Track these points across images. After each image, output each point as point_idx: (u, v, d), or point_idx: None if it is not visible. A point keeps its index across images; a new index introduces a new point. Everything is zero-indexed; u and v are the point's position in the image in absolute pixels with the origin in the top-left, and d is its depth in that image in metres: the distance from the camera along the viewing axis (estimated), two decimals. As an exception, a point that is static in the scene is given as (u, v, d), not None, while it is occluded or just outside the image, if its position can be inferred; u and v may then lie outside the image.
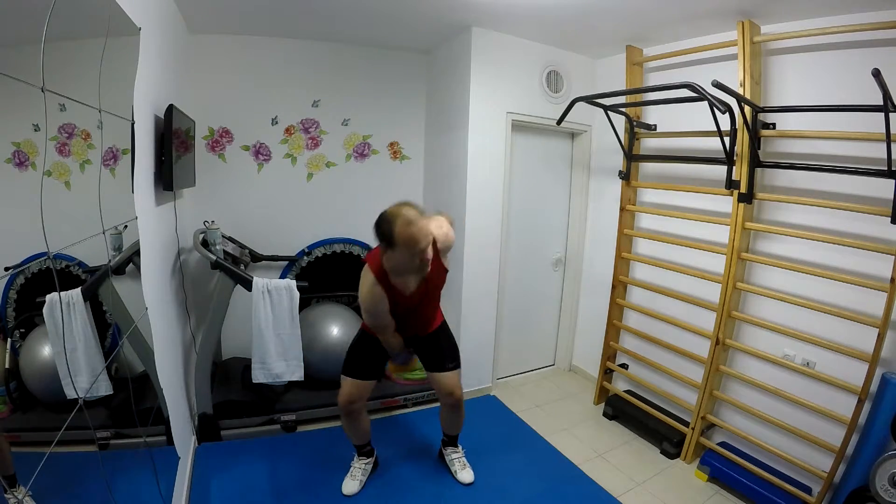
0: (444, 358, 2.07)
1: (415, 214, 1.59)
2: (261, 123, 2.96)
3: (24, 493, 0.76)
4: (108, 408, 1.22)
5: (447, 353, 2.08)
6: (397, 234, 1.56)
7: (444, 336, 2.10)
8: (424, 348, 2.10)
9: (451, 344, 2.11)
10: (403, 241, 1.57)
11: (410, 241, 1.57)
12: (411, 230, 1.56)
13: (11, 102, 0.84)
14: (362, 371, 2.02)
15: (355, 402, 2.02)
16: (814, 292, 2.07)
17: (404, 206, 1.63)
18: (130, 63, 1.49)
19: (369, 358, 2.03)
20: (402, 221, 1.56)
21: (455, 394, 2.08)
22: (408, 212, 1.59)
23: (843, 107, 1.89)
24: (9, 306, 0.95)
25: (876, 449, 1.81)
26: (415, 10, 2.43)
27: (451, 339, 2.13)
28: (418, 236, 1.57)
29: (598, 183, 3.26)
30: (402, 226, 1.56)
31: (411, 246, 1.57)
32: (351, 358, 2.06)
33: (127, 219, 1.45)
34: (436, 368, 2.08)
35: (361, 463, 2.19)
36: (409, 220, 1.57)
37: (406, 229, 1.56)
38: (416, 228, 1.57)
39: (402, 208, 1.61)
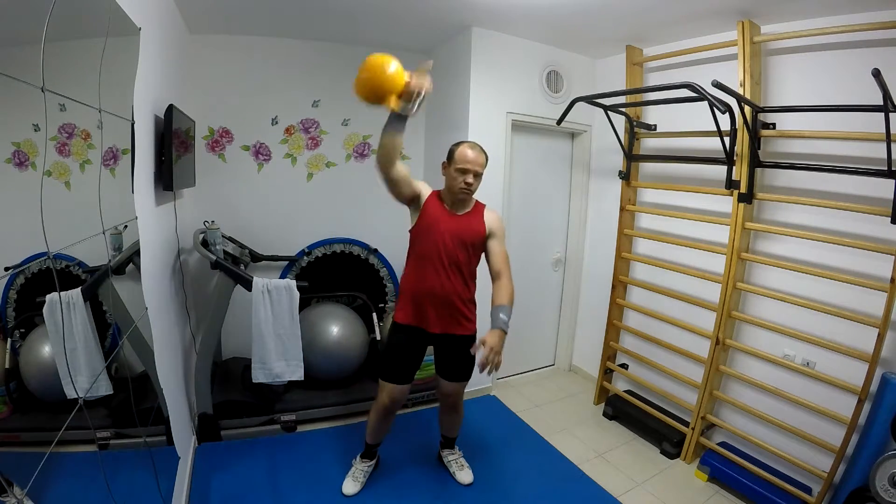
0: (459, 372, 2.04)
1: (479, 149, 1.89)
2: (261, 123, 2.96)
3: (22, 494, 0.76)
4: (108, 408, 1.22)
5: (463, 369, 2.04)
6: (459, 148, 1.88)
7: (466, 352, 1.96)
8: (445, 352, 2.02)
9: (469, 362, 2.02)
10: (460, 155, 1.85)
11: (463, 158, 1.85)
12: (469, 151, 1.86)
13: (11, 102, 0.84)
14: (401, 375, 1.99)
15: (396, 404, 2.02)
16: (814, 292, 2.07)
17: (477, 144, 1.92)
18: (130, 63, 1.49)
19: (405, 361, 1.99)
20: (468, 144, 1.90)
21: (453, 396, 2.09)
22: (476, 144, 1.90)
23: (843, 107, 1.89)
24: (9, 306, 0.95)
25: (876, 449, 1.82)
26: (415, 10, 2.43)
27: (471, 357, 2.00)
28: (470, 157, 1.84)
29: (598, 183, 3.26)
30: (465, 146, 1.88)
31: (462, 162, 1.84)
32: (388, 363, 2.01)
33: (127, 219, 1.44)
34: (447, 376, 2.05)
35: (364, 465, 2.18)
36: (473, 145, 1.89)
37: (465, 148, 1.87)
38: (473, 152, 1.86)
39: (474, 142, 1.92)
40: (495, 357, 1.64)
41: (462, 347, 1.95)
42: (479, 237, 1.93)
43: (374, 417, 2.08)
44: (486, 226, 1.95)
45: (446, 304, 1.92)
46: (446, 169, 1.89)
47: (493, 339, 1.66)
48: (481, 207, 1.99)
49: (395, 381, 1.98)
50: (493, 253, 1.95)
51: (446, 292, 1.90)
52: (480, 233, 1.93)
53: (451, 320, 1.95)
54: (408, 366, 2.00)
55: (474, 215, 1.95)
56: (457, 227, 1.89)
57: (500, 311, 1.76)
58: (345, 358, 2.73)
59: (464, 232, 1.90)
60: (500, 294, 1.84)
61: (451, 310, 1.94)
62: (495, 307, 1.80)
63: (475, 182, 1.86)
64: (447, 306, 1.92)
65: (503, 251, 1.95)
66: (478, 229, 1.93)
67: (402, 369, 1.99)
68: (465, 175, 1.83)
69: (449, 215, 1.90)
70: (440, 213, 1.89)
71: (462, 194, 1.87)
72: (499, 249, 1.95)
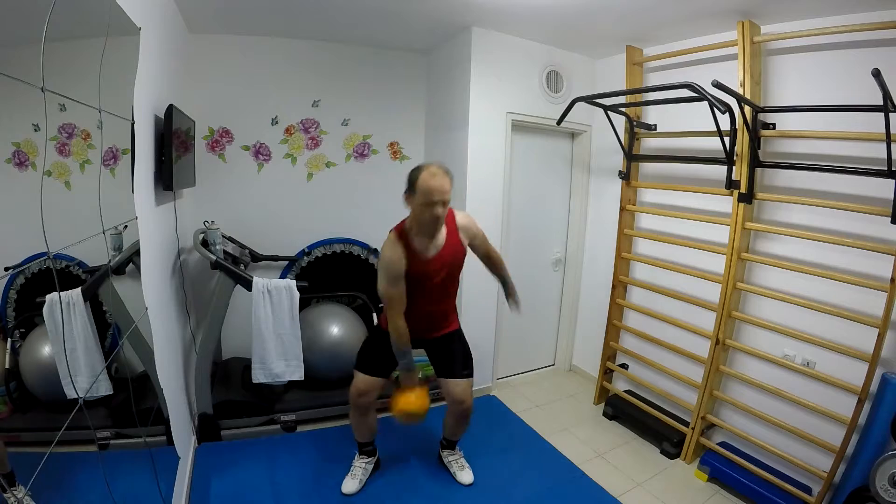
0: (457, 364, 2.06)
1: (442, 171, 1.76)
2: (261, 123, 2.96)
3: (23, 493, 0.76)
4: (108, 408, 1.22)
5: (460, 360, 2.07)
6: (420, 180, 1.73)
7: (458, 342, 2.09)
8: (438, 350, 2.09)
9: (465, 351, 2.09)
10: (422, 188, 1.72)
11: (428, 190, 1.72)
12: (431, 181, 1.72)
13: (11, 102, 0.84)
14: (372, 367, 2.05)
15: (365, 395, 2.05)
16: (814, 292, 2.07)
17: (437, 164, 1.80)
18: (130, 63, 1.49)
19: (380, 355, 2.04)
20: (428, 172, 1.74)
21: (465, 403, 2.06)
22: (437, 168, 1.76)
23: (843, 107, 1.89)
24: (9, 306, 0.95)
25: (876, 449, 1.82)
26: (415, 10, 2.43)
27: (465, 346, 2.11)
28: (435, 187, 1.72)
29: (598, 183, 3.26)
30: (426, 175, 1.73)
31: (427, 195, 1.72)
32: (363, 353, 2.11)
33: (127, 219, 1.44)
34: (447, 374, 2.06)
35: (362, 462, 2.19)
36: (434, 172, 1.74)
37: (427, 178, 1.72)
38: (436, 181, 1.72)
39: (436, 165, 1.78)
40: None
41: (452, 341, 2.09)
42: (462, 257, 1.99)
43: (351, 416, 2.13)
44: (464, 241, 1.97)
45: (434, 318, 2.05)
46: (409, 200, 1.79)
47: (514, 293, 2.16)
48: (452, 220, 1.93)
49: (365, 370, 2.04)
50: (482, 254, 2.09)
51: (443, 314, 2.07)
52: (462, 252, 1.98)
53: (438, 326, 2.07)
54: (382, 359, 2.03)
55: (451, 240, 1.92)
56: (443, 267, 1.91)
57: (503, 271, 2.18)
58: (345, 358, 2.72)
59: (450, 266, 1.94)
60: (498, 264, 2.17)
61: (439, 320, 2.07)
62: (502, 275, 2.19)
63: (444, 211, 1.78)
64: (435, 319, 2.05)
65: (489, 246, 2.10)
66: (459, 252, 1.97)
67: (375, 361, 2.04)
68: (432, 208, 1.73)
69: (431, 261, 1.87)
70: (423, 266, 1.86)
71: (433, 227, 1.81)
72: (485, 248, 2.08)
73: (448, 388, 2.06)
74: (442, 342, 2.08)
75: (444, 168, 1.78)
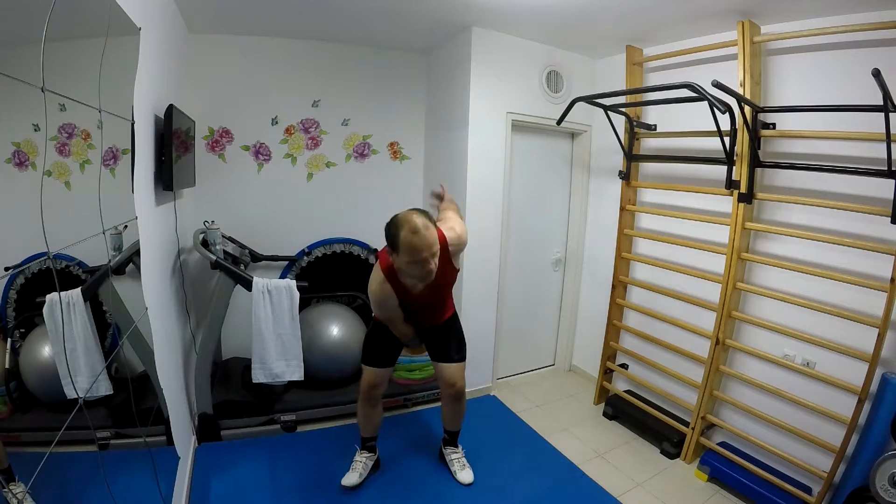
0: (451, 349, 2.11)
1: (423, 224, 1.60)
2: (261, 123, 2.96)
3: (23, 492, 0.76)
4: (108, 408, 1.22)
5: (454, 345, 2.12)
6: (402, 240, 1.59)
7: (453, 328, 2.14)
8: (432, 338, 2.14)
9: (459, 336, 2.15)
10: (406, 248, 1.59)
11: (413, 250, 1.59)
12: (414, 240, 1.57)
13: (11, 102, 0.84)
14: (380, 359, 2.10)
15: (376, 388, 2.11)
16: (814, 292, 2.07)
17: (416, 213, 1.64)
18: (130, 63, 1.49)
19: (384, 346, 2.10)
20: (408, 229, 1.58)
21: (457, 384, 2.11)
22: (416, 220, 1.59)
23: (843, 107, 1.89)
24: (9, 306, 0.95)
25: (876, 449, 1.82)
26: (415, 10, 2.43)
27: (459, 331, 2.17)
28: (421, 246, 1.58)
29: (598, 183, 3.26)
30: (407, 233, 1.58)
31: (413, 254, 1.60)
32: (368, 348, 2.14)
33: (127, 219, 1.44)
34: (441, 358, 2.12)
35: (363, 457, 2.21)
36: (415, 228, 1.57)
37: (410, 237, 1.58)
38: (419, 238, 1.58)
39: (413, 215, 1.62)
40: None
41: (446, 327, 2.12)
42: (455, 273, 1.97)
43: (359, 407, 2.17)
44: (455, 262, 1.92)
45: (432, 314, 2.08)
46: (394, 258, 1.68)
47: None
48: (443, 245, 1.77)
49: (374, 363, 2.09)
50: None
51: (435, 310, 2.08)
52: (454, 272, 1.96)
53: (437, 317, 2.11)
54: (387, 350, 2.10)
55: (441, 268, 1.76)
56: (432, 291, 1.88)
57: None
58: (345, 358, 2.73)
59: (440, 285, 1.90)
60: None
61: (437, 314, 2.10)
62: None
63: (436, 263, 1.65)
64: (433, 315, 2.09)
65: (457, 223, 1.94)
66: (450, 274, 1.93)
67: (381, 353, 2.09)
68: (423, 265, 1.62)
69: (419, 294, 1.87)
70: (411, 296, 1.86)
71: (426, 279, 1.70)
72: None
73: (440, 370, 2.13)
74: (438, 330, 2.12)
75: (423, 215, 1.64)
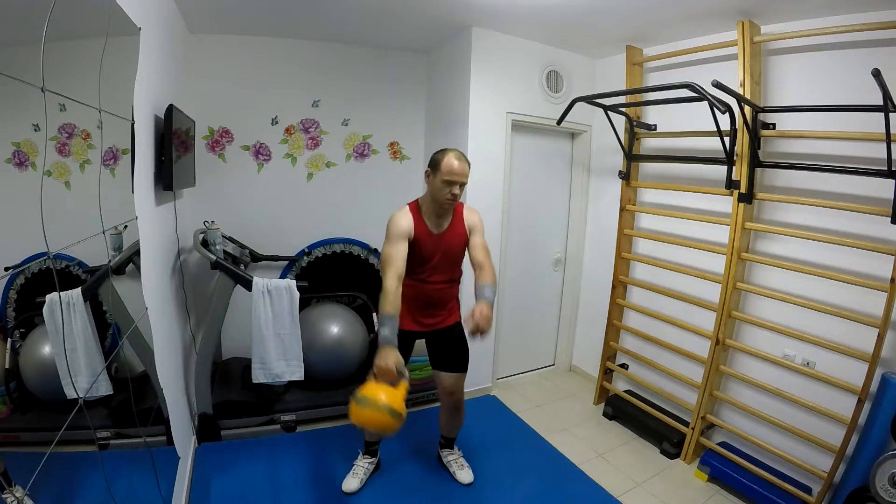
0: (454, 360, 2.07)
1: (464, 159, 1.86)
2: (261, 123, 2.96)
3: (21, 493, 0.76)
4: (108, 408, 1.22)
5: (458, 356, 2.08)
6: (445, 158, 1.82)
7: (459, 338, 2.09)
8: (437, 343, 2.08)
9: (464, 348, 2.09)
10: (447, 165, 1.81)
11: (451, 169, 1.80)
12: (455, 162, 1.81)
13: (11, 102, 0.84)
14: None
15: None
16: (814, 292, 2.07)
17: (463, 154, 1.88)
18: (130, 63, 1.49)
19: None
20: (454, 154, 1.84)
21: (456, 395, 2.09)
22: (461, 154, 1.86)
23: (843, 107, 1.89)
24: (9, 306, 0.95)
25: (876, 449, 1.81)
26: (415, 10, 2.43)
27: (465, 343, 2.10)
28: (457, 169, 1.81)
29: (598, 183, 3.26)
30: (451, 157, 1.83)
31: (449, 173, 1.80)
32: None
33: (127, 219, 1.44)
34: (442, 367, 2.08)
35: (365, 462, 2.19)
36: (459, 156, 1.84)
37: (452, 159, 1.82)
38: (459, 163, 1.82)
39: (460, 152, 1.87)
40: (486, 324, 1.68)
41: (453, 334, 2.08)
42: (463, 244, 1.99)
43: None
44: (466, 227, 1.99)
45: (439, 306, 2.05)
46: (430, 178, 1.88)
47: (482, 307, 1.70)
48: (460, 209, 2.01)
49: None
50: (473, 246, 1.98)
51: (441, 299, 2.04)
52: (464, 238, 1.99)
53: (442, 316, 2.06)
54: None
55: (456, 224, 1.98)
56: (445, 247, 1.95)
57: (485, 288, 1.82)
58: (345, 358, 2.73)
59: (451, 248, 1.97)
60: (484, 276, 1.87)
61: (443, 309, 2.06)
62: (481, 285, 1.84)
63: (460, 192, 1.86)
64: (440, 306, 2.05)
65: (483, 243, 1.99)
66: (462, 238, 1.98)
67: None
68: (451, 186, 1.82)
69: (435, 237, 1.93)
70: (428, 239, 1.92)
71: (448, 205, 1.88)
72: (479, 242, 1.98)
73: (440, 379, 2.09)
74: (443, 335, 2.08)
75: (465, 155, 1.89)
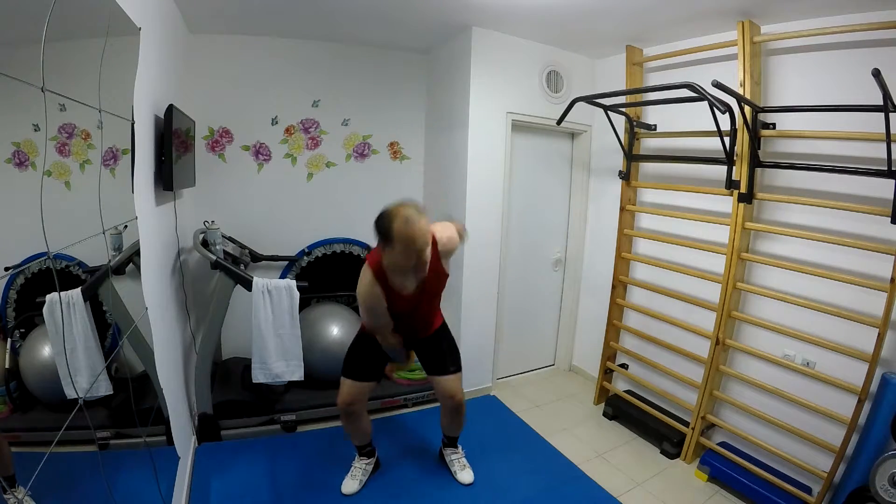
0: (446, 361, 2.06)
1: (415, 214, 1.58)
2: (261, 123, 2.96)
3: (23, 494, 0.76)
4: (108, 408, 1.22)
5: (448, 357, 2.07)
6: (396, 230, 1.56)
7: (444, 338, 2.09)
8: (425, 351, 2.09)
9: (452, 347, 2.10)
10: (401, 238, 1.56)
11: (408, 240, 1.56)
12: (409, 228, 1.55)
13: (11, 102, 0.84)
14: (361, 373, 2.02)
15: (354, 404, 2.03)
16: (814, 292, 2.07)
17: (406, 205, 1.62)
18: (130, 63, 1.49)
19: (368, 359, 2.02)
20: (402, 219, 1.56)
21: (456, 397, 2.07)
22: (408, 210, 1.58)
23: (843, 107, 1.89)
24: (9, 306, 0.95)
25: (876, 449, 1.82)
26: (415, 10, 2.43)
27: (451, 341, 2.12)
28: (416, 235, 1.56)
29: (598, 183, 3.26)
30: (401, 224, 1.56)
31: (408, 244, 1.57)
32: (350, 359, 2.06)
33: (127, 219, 1.44)
34: (437, 372, 2.07)
35: (362, 463, 2.19)
36: (409, 218, 1.56)
37: (404, 227, 1.55)
38: (414, 227, 1.56)
39: (403, 207, 1.60)
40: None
41: (437, 339, 2.06)
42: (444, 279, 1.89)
43: (341, 420, 2.11)
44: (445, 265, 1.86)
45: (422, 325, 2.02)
46: (387, 253, 1.64)
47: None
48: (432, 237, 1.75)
49: (354, 376, 2.01)
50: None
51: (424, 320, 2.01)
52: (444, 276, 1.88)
53: (426, 328, 2.05)
54: (366, 363, 2.01)
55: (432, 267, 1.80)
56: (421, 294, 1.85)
57: None
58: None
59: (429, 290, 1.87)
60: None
61: (426, 325, 2.04)
62: None
63: (429, 252, 1.69)
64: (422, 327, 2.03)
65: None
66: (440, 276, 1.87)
67: (364, 365, 2.01)
68: (419, 255, 1.64)
69: (409, 295, 1.82)
70: (400, 299, 1.80)
71: (421, 270, 1.75)
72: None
73: (438, 384, 2.07)
74: (429, 342, 2.07)
75: (413, 205, 1.62)
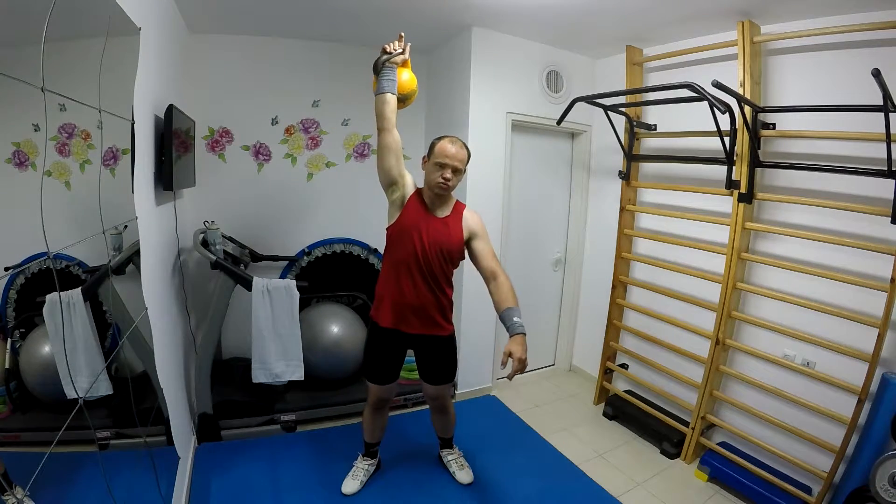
0: (441, 375, 2.03)
1: (460, 144, 1.83)
2: (261, 123, 2.96)
3: (22, 494, 0.76)
4: (108, 408, 1.22)
5: (445, 371, 2.03)
6: (439, 142, 1.83)
7: (448, 353, 2.02)
8: (425, 354, 2.01)
9: (452, 362, 2.04)
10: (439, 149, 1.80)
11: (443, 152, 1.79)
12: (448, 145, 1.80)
13: (11, 102, 0.84)
14: (384, 376, 2.00)
15: (385, 401, 2.10)
16: (814, 292, 2.07)
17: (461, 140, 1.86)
18: (130, 63, 1.49)
19: (386, 361, 1.98)
20: (449, 139, 1.82)
21: (439, 399, 2.11)
22: (458, 140, 1.85)
23: (843, 107, 1.89)
24: (9, 306, 0.95)
25: (876, 449, 1.82)
26: (415, 10, 2.43)
27: (454, 358, 2.05)
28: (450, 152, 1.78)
29: (598, 183, 3.26)
30: (446, 141, 1.81)
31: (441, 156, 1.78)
32: (370, 364, 2.01)
33: (127, 219, 1.44)
34: (429, 379, 2.05)
35: (365, 463, 2.19)
36: (453, 141, 1.82)
37: (446, 142, 1.81)
38: (453, 146, 1.79)
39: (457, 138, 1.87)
40: (523, 365, 1.57)
41: (440, 349, 1.98)
42: (457, 246, 1.85)
43: (366, 415, 2.13)
44: (464, 232, 1.87)
45: (423, 311, 1.89)
46: (425, 163, 1.85)
47: (518, 348, 1.56)
48: (461, 209, 1.91)
49: (379, 381, 2.01)
50: (480, 254, 1.85)
51: (423, 303, 1.86)
52: (459, 241, 1.85)
53: (429, 323, 1.92)
54: (390, 366, 2.00)
55: (453, 220, 1.86)
56: (436, 234, 1.81)
57: (512, 315, 1.65)
58: (345, 358, 2.73)
59: (443, 240, 1.82)
60: (503, 295, 1.71)
61: (428, 315, 1.90)
62: (506, 311, 1.67)
63: (454, 178, 1.78)
64: (424, 312, 1.89)
65: (490, 249, 1.87)
66: (457, 237, 1.85)
67: (384, 370, 2.00)
68: (443, 170, 1.75)
69: (429, 217, 1.82)
70: (420, 216, 1.81)
71: (439, 189, 1.78)
72: (485, 248, 1.86)
73: (425, 387, 2.10)
74: (431, 346, 1.98)
75: (464, 143, 1.84)
